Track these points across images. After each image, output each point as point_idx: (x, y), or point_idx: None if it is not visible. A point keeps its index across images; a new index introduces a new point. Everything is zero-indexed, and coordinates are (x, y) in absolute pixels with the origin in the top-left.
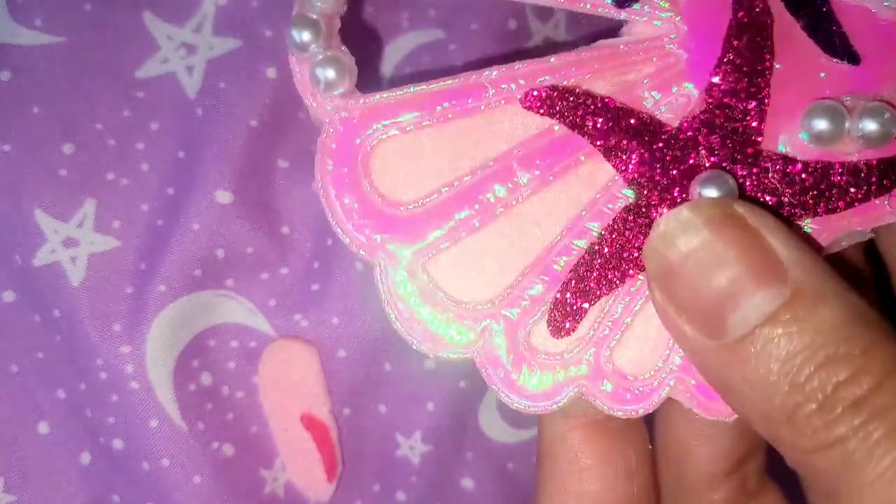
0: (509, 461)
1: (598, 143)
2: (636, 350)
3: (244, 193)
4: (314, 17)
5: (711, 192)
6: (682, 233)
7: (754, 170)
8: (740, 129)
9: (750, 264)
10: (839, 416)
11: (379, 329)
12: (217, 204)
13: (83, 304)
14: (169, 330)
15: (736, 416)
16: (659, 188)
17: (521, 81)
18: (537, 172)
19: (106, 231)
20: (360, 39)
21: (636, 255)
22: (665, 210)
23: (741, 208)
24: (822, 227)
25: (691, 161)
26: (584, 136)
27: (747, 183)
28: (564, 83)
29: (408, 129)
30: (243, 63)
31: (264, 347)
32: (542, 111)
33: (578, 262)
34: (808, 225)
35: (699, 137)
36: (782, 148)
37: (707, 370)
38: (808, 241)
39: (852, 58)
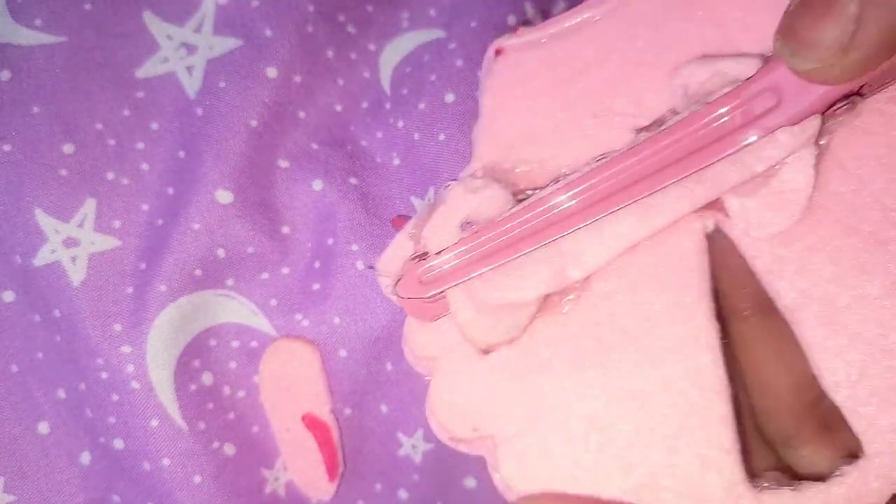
0: None
1: None
2: None
3: (245, 193)
4: None
5: None
6: None
7: None
8: None
9: None
10: None
11: (380, 328)
12: (217, 204)
13: (84, 304)
14: (170, 330)
15: None
16: None
17: None
18: None
19: (106, 231)
20: (359, 39)
21: None
22: None
23: None
24: None
25: None
26: None
27: None
28: None
29: None
30: (243, 63)
31: (265, 347)
32: None
33: None
34: None
35: None
36: None
37: None
38: None
39: None
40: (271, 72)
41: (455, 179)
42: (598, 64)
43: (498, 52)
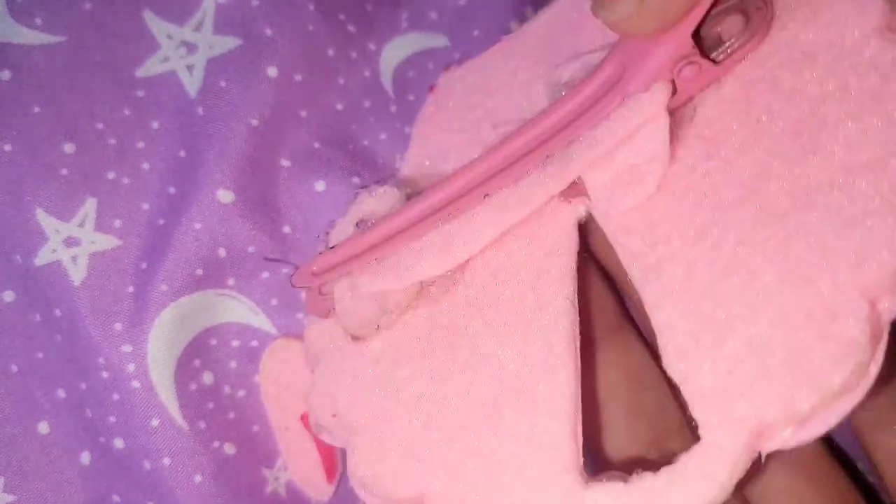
0: None
1: None
2: None
3: (246, 192)
4: None
5: None
6: None
7: None
8: None
9: None
10: None
11: None
12: (218, 203)
13: (84, 304)
14: (170, 329)
15: None
16: None
17: None
18: None
19: (107, 230)
20: (359, 39)
21: None
22: None
23: None
24: None
25: None
26: None
27: None
28: None
29: None
30: (244, 61)
31: (266, 346)
32: None
33: None
34: None
35: None
36: None
37: None
38: None
39: None
40: (272, 71)
41: None
42: (505, 85)
43: (431, 89)
